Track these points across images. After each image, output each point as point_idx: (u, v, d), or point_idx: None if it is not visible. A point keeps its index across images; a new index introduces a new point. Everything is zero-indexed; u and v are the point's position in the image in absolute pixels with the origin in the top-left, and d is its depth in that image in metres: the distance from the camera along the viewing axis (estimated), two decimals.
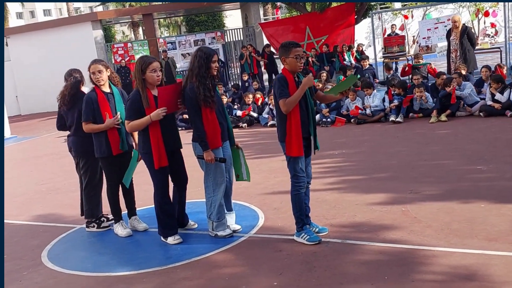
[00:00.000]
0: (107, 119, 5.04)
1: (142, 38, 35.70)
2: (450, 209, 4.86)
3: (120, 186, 5.38)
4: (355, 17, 18.55)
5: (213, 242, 4.79)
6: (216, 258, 4.45)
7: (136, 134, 5.16)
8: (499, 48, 15.15)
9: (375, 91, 10.68)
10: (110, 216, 5.66)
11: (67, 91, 5.34)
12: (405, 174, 6.28)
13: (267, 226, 5.07)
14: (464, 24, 11.56)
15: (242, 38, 21.44)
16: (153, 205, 5.54)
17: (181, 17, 36.73)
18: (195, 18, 32.33)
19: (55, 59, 20.07)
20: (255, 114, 12.00)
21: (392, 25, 19.28)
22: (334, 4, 20.40)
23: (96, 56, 19.58)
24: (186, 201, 5.27)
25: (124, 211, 5.52)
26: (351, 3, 18.77)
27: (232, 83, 18.23)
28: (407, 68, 12.97)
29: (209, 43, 20.35)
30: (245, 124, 11.62)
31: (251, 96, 12.33)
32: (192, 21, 32.59)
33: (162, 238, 4.99)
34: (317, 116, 10.20)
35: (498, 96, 9.22)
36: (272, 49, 17.46)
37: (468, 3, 26.06)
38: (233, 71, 21.68)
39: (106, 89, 5.19)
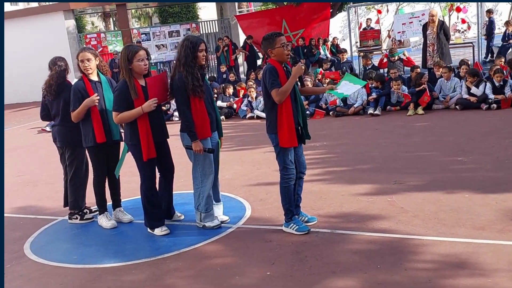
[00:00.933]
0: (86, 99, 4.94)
1: (113, 29, 35.14)
2: (435, 199, 4.94)
3: (106, 177, 5.31)
4: (330, 10, 18.61)
5: (202, 233, 4.76)
6: (206, 249, 4.42)
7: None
8: (471, 43, 15.44)
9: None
10: (93, 208, 5.58)
11: (53, 81, 5.21)
12: (388, 165, 6.35)
13: (254, 217, 5.07)
14: (439, 18, 11.70)
15: (217, 30, 21.29)
16: (137, 197, 5.50)
17: (153, 8, 36.25)
18: (168, 9, 31.88)
19: (25, 49, 19.59)
20: (235, 106, 12.01)
21: (368, 19, 19.43)
22: None
23: (68, 47, 19.17)
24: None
25: (109, 202, 5.44)
26: None
27: (208, 75, 18.12)
28: (385, 60, 13.09)
29: (184, 34, 20.16)
30: (223, 116, 11.56)
31: (237, 88, 12.34)
32: (165, 12, 32.10)
33: (149, 230, 4.94)
34: None
35: (473, 89, 9.40)
36: (248, 42, 17.33)
37: None
38: (208, 63, 21.52)
39: (94, 77, 5.09)
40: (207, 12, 30.92)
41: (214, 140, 4.82)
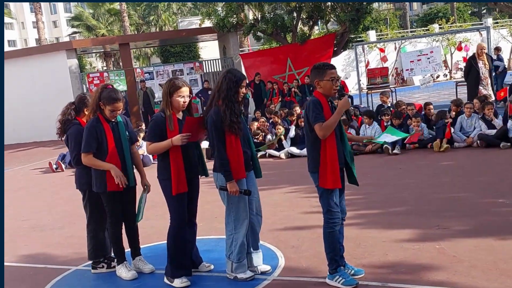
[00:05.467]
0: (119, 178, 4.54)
1: (113, 68, 35.14)
2: (490, 247, 4.51)
3: (122, 223, 4.85)
4: (335, 49, 18.54)
5: (234, 286, 4.29)
6: None
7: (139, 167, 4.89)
8: None
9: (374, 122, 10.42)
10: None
11: (58, 123, 5.02)
12: (423, 208, 5.94)
13: (290, 267, 4.60)
14: (486, 52, 12.12)
15: (220, 69, 21.19)
16: (154, 243, 5.07)
17: (152, 49, 36.42)
18: (170, 49, 32.01)
19: (27, 88, 19.31)
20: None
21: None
22: (313, 36, 20.42)
23: (70, 86, 18.82)
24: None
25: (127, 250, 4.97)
26: (331, 35, 18.79)
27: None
28: None
29: (187, 73, 20.02)
30: None
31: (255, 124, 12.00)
32: (167, 52, 32.24)
33: (165, 279, 4.48)
34: None
35: (495, 121, 9.27)
36: (255, 79, 17.09)
37: (440, 37, 26.64)
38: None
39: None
40: (208, 52, 30.93)
41: (250, 181, 4.40)
